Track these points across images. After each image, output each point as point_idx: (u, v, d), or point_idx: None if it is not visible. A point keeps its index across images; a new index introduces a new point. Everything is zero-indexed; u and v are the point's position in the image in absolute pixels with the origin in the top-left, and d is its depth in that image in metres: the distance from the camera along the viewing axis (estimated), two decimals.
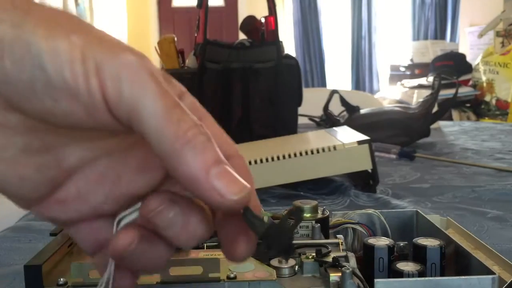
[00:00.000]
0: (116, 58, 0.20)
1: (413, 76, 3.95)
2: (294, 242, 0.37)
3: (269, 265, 0.34)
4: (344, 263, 0.33)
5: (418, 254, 0.36)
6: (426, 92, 1.33)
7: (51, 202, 0.24)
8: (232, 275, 0.34)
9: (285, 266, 0.34)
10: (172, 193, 0.23)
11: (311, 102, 1.36)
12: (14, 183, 0.22)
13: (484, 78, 3.19)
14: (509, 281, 0.32)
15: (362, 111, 1.21)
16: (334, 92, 1.26)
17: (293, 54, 4.93)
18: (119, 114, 0.20)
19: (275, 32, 1.11)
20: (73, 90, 0.20)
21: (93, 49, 0.20)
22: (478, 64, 3.26)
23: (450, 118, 3.04)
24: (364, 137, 0.70)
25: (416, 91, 3.15)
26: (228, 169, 0.21)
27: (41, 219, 0.25)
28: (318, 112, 1.39)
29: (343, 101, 1.21)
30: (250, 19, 1.19)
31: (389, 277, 0.35)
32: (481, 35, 3.34)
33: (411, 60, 4.27)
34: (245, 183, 0.22)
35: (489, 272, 0.32)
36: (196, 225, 0.23)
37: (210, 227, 0.24)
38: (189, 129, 0.21)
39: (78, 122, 0.21)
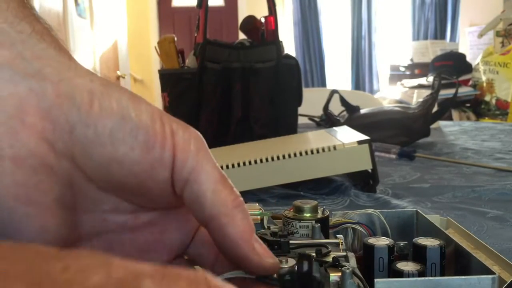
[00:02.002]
0: (186, 128, 0.24)
1: (413, 76, 3.96)
2: (294, 242, 0.37)
3: None
4: (344, 263, 0.33)
5: (418, 254, 0.36)
6: (426, 92, 1.33)
7: None
8: None
9: (285, 266, 0.34)
10: None
11: (311, 102, 1.36)
12: (33, 231, 0.22)
13: (484, 78, 3.19)
14: (509, 281, 0.32)
15: (362, 111, 1.21)
16: (334, 92, 1.26)
17: (293, 54, 4.93)
18: (180, 172, 0.23)
19: (275, 32, 1.11)
20: (151, 142, 0.23)
21: (168, 118, 0.24)
22: (478, 64, 3.26)
23: (450, 118, 3.04)
24: (364, 137, 0.70)
25: (416, 91, 3.15)
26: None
27: None
28: (318, 112, 1.39)
29: (343, 101, 1.21)
30: (250, 19, 1.19)
31: (389, 277, 0.35)
32: (481, 35, 3.34)
33: (411, 60, 4.27)
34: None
35: (489, 272, 0.32)
36: None
37: None
38: (238, 197, 0.24)
39: (136, 173, 0.23)
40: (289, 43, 5.07)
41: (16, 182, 0.21)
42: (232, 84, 1.07)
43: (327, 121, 1.29)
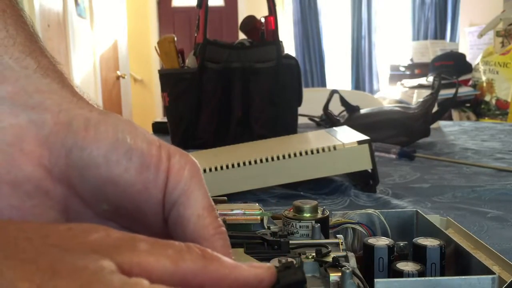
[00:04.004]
0: (184, 154, 0.25)
1: (413, 76, 3.95)
2: (294, 242, 0.37)
3: None
4: (344, 263, 0.33)
5: (418, 254, 0.36)
6: (426, 92, 1.33)
7: None
8: None
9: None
10: None
11: (311, 102, 1.36)
12: None
13: (484, 78, 3.19)
14: (509, 281, 0.32)
15: (362, 111, 1.21)
16: (334, 92, 1.26)
17: (293, 54, 4.93)
18: (170, 194, 0.24)
19: (275, 32, 1.11)
20: (146, 163, 0.24)
21: (167, 145, 0.25)
22: (478, 64, 3.26)
23: (450, 118, 3.04)
24: (364, 137, 0.70)
25: (416, 91, 3.15)
26: None
27: None
28: (318, 112, 1.39)
29: (343, 101, 1.21)
30: (250, 19, 1.19)
31: (389, 277, 0.35)
32: (481, 35, 3.34)
33: (411, 60, 4.27)
34: None
35: (489, 272, 0.32)
36: None
37: None
38: (221, 226, 0.25)
39: (131, 194, 0.24)
40: (289, 43, 5.07)
41: (12, 206, 0.23)
42: (232, 84, 1.07)
43: (327, 121, 1.29)
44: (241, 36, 1.22)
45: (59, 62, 0.27)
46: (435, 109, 1.15)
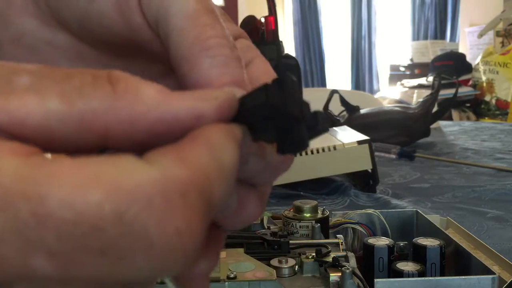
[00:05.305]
0: None
1: (413, 76, 3.95)
2: (294, 242, 0.37)
3: (269, 265, 0.34)
4: (344, 263, 0.33)
5: (418, 254, 0.36)
6: (426, 92, 1.33)
7: None
8: (232, 275, 0.34)
9: (285, 266, 0.34)
10: None
11: (311, 102, 1.36)
12: None
13: (484, 78, 3.19)
14: (509, 281, 0.32)
15: (362, 111, 1.21)
16: (334, 92, 1.26)
17: (293, 54, 4.93)
18: (148, 11, 0.18)
19: (275, 32, 1.11)
20: None
21: None
22: (478, 64, 3.26)
23: (450, 118, 3.04)
24: (364, 137, 0.70)
25: (416, 91, 3.15)
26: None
27: None
28: None
29: (343, 101, 1.21)
30: (250, 19, 1.19)
31: (389, 277, 0.35)
32: (481, 35, 3.34)
33: (411, 60, 4.27)
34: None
35: (489, 272, 0.32)
36: (251, 210, 0.19)
37: (263, 209, 0.20)
38: (214, 36, 0.18)
39: (112, 26, 0.19)
40: (289, 43, 5.07)
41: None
42: None
43: None
44: None
45: None
46: (435, 109, 1.15)
